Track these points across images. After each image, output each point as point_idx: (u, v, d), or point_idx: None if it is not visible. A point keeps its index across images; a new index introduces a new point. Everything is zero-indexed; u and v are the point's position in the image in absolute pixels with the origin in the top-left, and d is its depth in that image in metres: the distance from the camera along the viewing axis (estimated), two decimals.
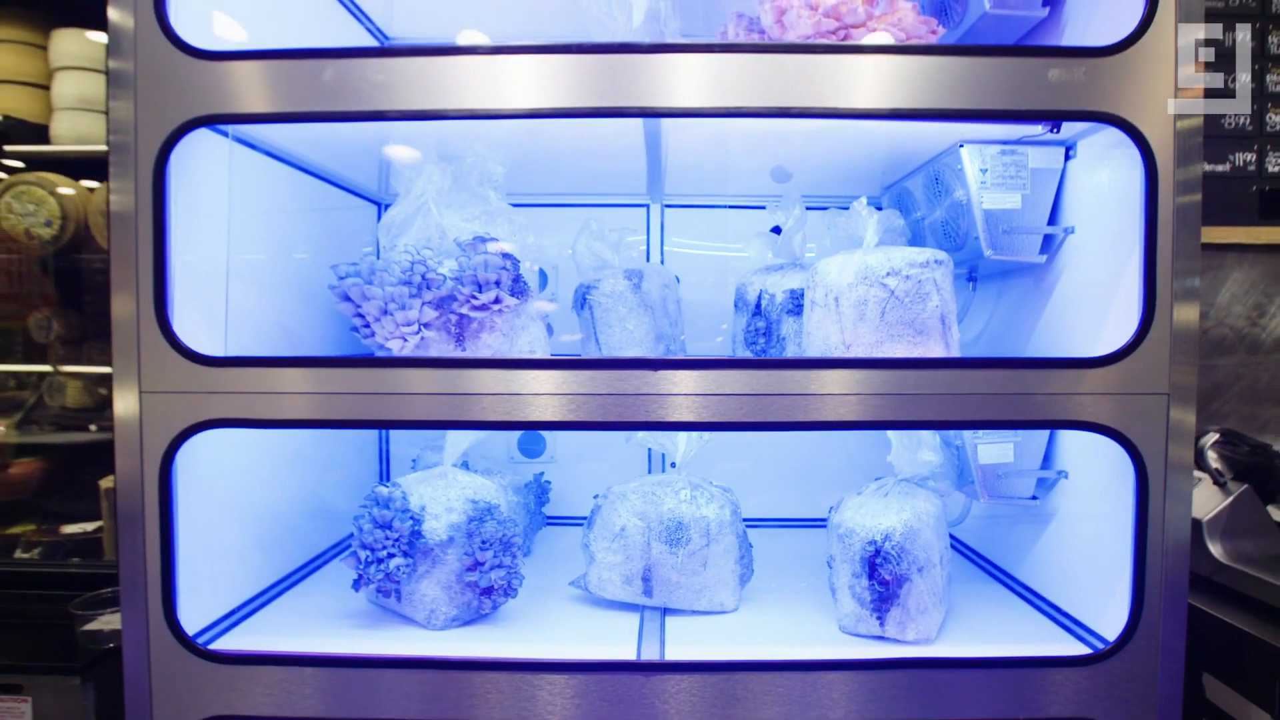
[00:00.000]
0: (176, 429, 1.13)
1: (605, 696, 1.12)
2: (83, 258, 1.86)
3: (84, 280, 1.92)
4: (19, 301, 1.91)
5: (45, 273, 1.96)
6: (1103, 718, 1.14)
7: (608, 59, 1.10)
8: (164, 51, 1.11)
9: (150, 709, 1.14)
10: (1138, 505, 1.13)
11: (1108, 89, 1.10)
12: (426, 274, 1.30)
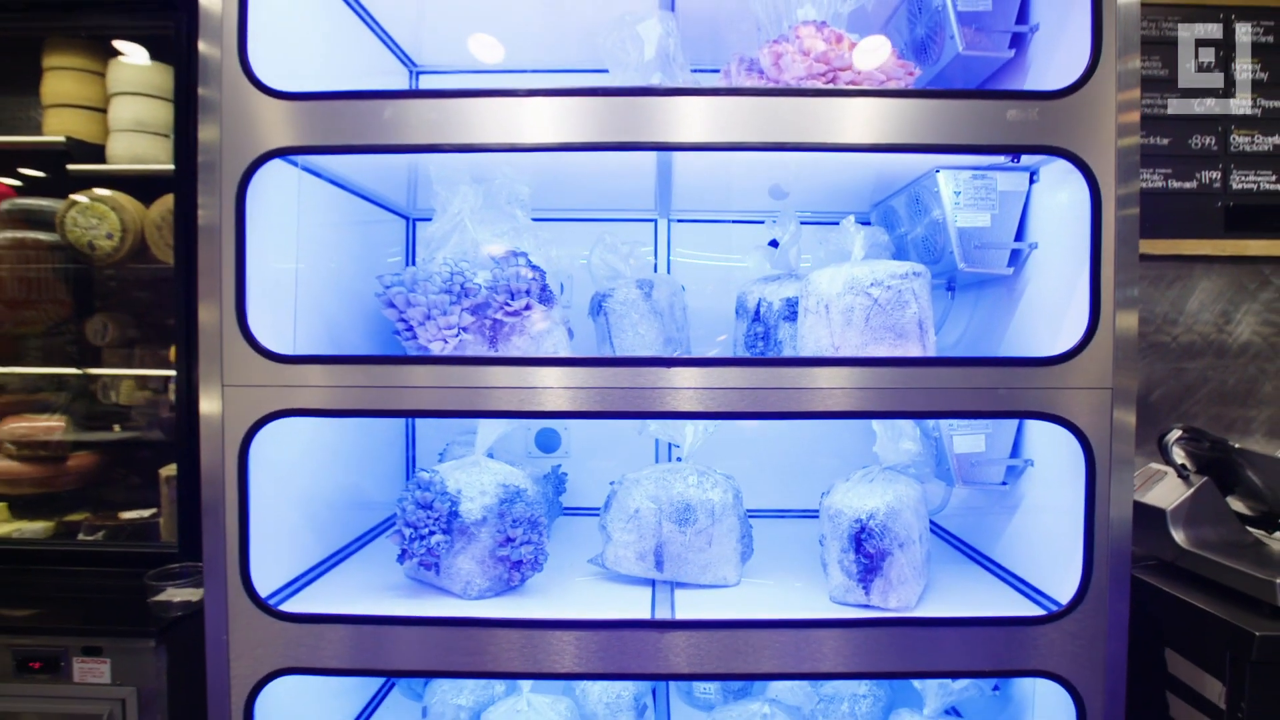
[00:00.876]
0: (253, 418, 1.32)
1: (624, 650, 1.31)
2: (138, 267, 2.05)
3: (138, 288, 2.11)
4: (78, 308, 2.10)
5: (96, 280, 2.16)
6: (1059, 670, 1.33)
7: (627, 100, 1.30)
8: (245, 90, 1.31)
9: (227, 662, 1.33)
10: (1087, 485, 1.32)
11: (1058, 126, 1.30)
12: (465, 283, 1.49)
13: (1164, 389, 2.52)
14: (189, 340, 1.72)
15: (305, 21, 1.57)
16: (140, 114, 2.08)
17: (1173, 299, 2.51)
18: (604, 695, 1.73)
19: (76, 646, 1.53)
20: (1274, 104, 2.46)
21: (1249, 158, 2.46)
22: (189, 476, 1.73)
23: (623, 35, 1.65)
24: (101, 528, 1.96)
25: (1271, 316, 2.51)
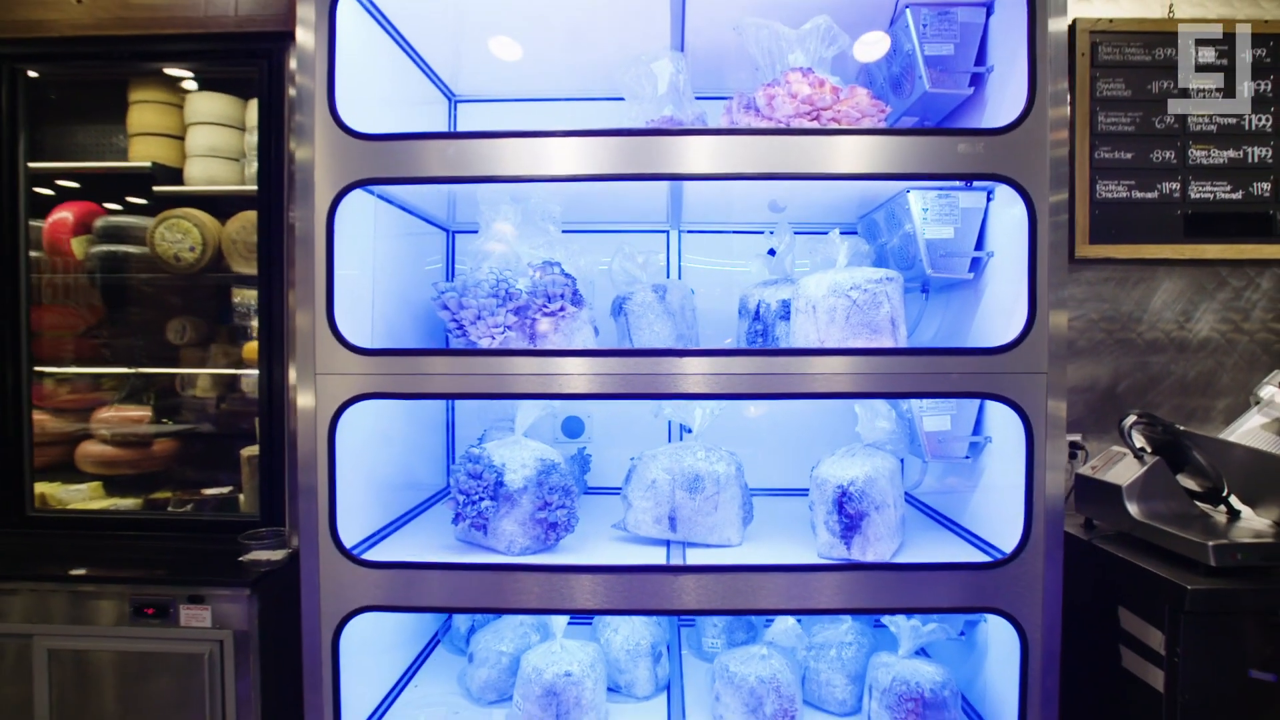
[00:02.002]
0: (341, 400, 1.63)
1: (644, 589, 1.62)
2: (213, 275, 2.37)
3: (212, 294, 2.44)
4: (163, 311, 2.43)
5: (174, 288, 2.49)
6: (1005, 607, 1.63)
7: (644, 140, 1.61)
8: (334, 133, 1.63)
9: (319, 602, 1.64)
10: (1027, 453, 1.61)
11: (1000, 157, 1.59)
12: (508, 289, 1.80)
13: (1130, 381, 2.81)
14: (269, 337, 2.03)
15: (369, 62, 1.88)
16: (214, 141, 2.40)
17: (1137, 298, 2.79)
18: (625, 643, 2.04)
19: (183, 595, 1.85)
20: (1228, 120, 2.74)
21: (1206, 170, 2.75)
22: (269, 455, 2.04)
23: (639, 72, 1.96)
24: (188, 502, 2.28)
25: (1228, 314, 2.79)
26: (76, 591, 1.87)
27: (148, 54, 2.10)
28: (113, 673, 1.87)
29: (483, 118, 2.52)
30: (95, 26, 2.01)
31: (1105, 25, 2.73)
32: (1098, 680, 2.25)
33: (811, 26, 1.80)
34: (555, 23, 2.05)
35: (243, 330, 2.38)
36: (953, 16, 1.84)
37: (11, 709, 1.89)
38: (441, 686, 2.09)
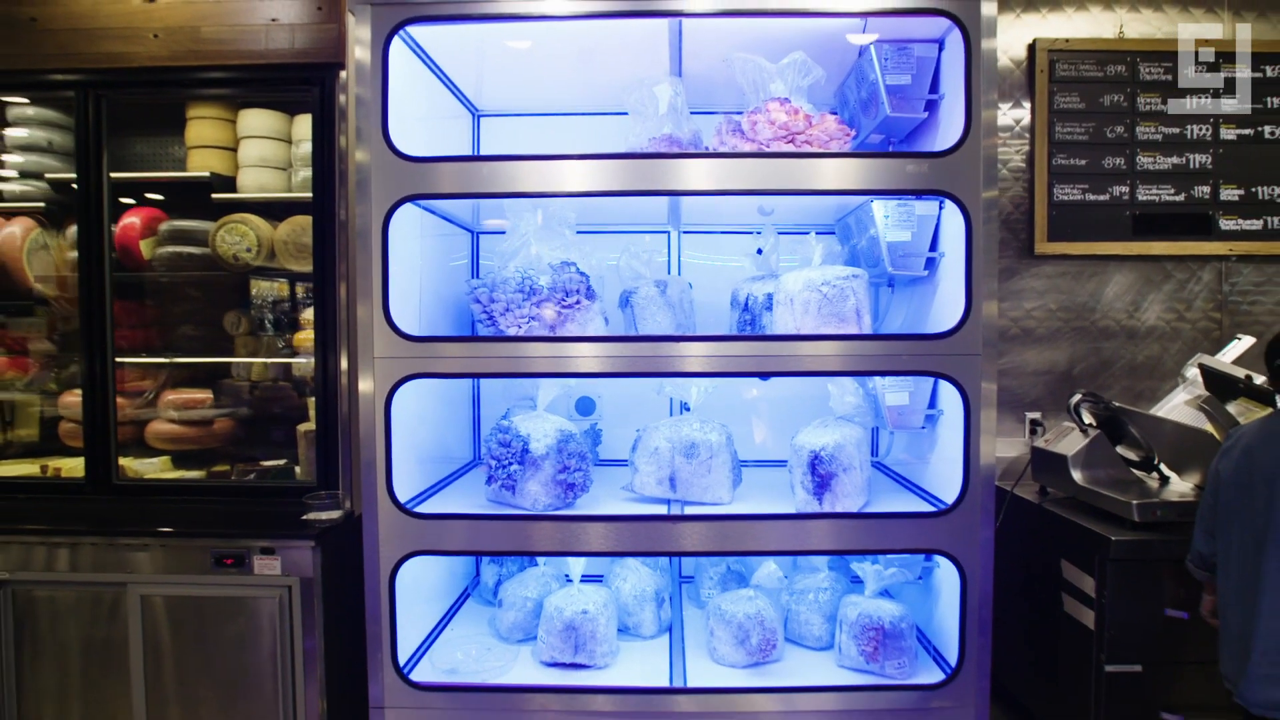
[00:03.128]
0: (395, 379, 1.99)
1: (650, 535, 1.99)
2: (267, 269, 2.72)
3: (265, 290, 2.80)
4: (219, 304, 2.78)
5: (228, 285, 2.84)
6: (948, 548, 1.99)
7: (647, 162, 1.97)
8: (386, 155, 1.98)
9: (378, 547, 2.01)
10: (965, 421, 1.98)
11: (942, 176, 1.95)
12: (533, 285, 2.16)
13: (1085, 364, 3.17)
14: (324, 326, 2.39)
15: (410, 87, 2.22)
16: (264, 153, 2.74)
17: (1091, 290, 3.15)
18: (633, 590, 2.41)
19: (256, 548, 2.21)
20: (1171, 130, 3.09)
21: (1152, 175, 3.11)
22: (325, 429, 2.40)
23: (642, 94, 2.31)
24: (250, 472, 2.64)
25: (1173, 304, 3.15)
26: (164, 546, 2.24)
27: (215, 81, 2.44)
28: (196, 615, 2.24)
29: (503, 129, 2.87)
30: (170, 58, 2.35)
31: (1062, 45, 3.08)
32: (1044, 623, 2.63)
33: (789, 61, 2.16)
34: (567, 50, 2.39)
35: (293, 321, 2.73)
36: (910, 51, 2.19)
37: (110, 646, 2.26)
38: (473, 629, 2.46)
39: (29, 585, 2.27)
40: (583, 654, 2.18)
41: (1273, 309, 3.14)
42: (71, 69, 2.37)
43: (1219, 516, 1.98)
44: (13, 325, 2.82)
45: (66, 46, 2.35)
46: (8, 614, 2.27)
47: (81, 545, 2.24)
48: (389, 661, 2.03)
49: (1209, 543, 2.03)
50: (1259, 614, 1.83)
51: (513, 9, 1.99)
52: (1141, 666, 2.35)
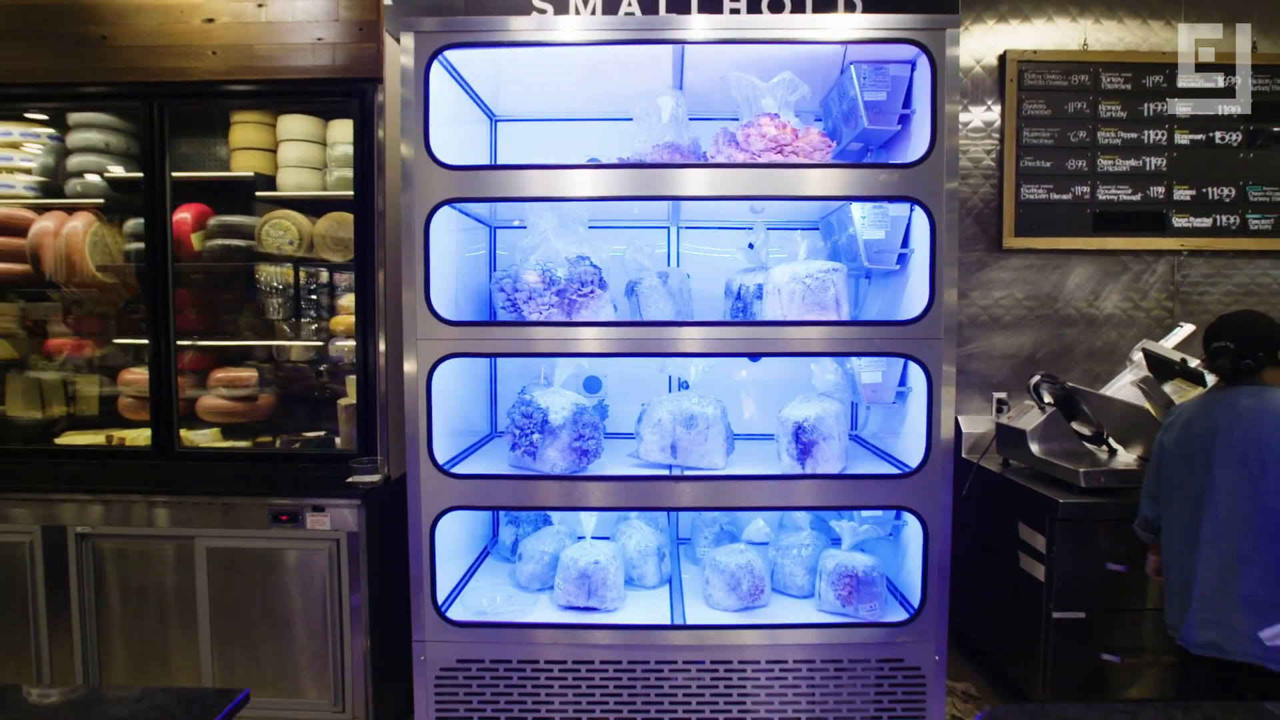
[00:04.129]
0: (435, 358, 2.33)
1: (654, 493, 2.33)
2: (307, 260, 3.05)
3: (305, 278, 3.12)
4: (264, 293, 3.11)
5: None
6: (913, 505, 2.35)
7: (653, 171, 2.30)
8: (426, 162, 2.31)
9: (420, 502, 2.35)
10: (929, 396, 2.32)
11: (910, 184, 2.29)
12: (552, 276, 2.50)
13: (1048, 349, 3.53)
14: (364, 311, 2.71)
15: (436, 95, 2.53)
16: (302, 154, 3.06)
17: (1054, 282, 3.50)
18: (638, 547, 2.76)
19: (308, 506, 2.56)
20: (1130, 135, 3.43)
21: (1111, 176, 3.45)
22: (365, 403, 2.73)
23: (646, 105, 2.63)
24: (295, 441, 2.99)
25: (1129, 294, 3.50)
26: (228, 505, 2.58)
27: (266, 93, 2.76)
28: (256, 564, 2.58)
29: (518, 134, 3.19)
30: (225, 73, 2.66)
31: (1030, 55, 3.41)
32: (1003, 578, 3.00)
33: (778, 80, 2.48)
34: (578, 65, 2.70)
35: (331, 306, 3.06)
36: (885, 70, 2.51)
37: (179, 593, 2.60)
38: (494, 581, 2.81)
39: (107, 539, 2.61)
40: (594, 599, 2.53)
41: (1220, 299, 3.50)
42: (138, 82, 2.68)
43: (1163, 484, 2.32)
44: (75, 310, 3.15)
45: (134, 62, 2.67)
46: (88, 565, 2.61)
47: (155, 504, 2.59)
48: (429, 602, 2.38)
49: (1154, 508, 2.37)
50: (1197, 567, 2.17)
51: (537, 37, 2.32)
52: (1085, 613, 2.72)
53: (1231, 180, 3.44)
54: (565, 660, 2.39)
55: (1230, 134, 3.43)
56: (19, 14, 2.69)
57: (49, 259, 2.99)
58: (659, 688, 2.38)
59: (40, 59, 2.69)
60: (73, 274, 3.02)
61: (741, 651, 2.38)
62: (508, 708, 2.40)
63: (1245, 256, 3.48)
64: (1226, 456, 2.16)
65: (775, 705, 2.39)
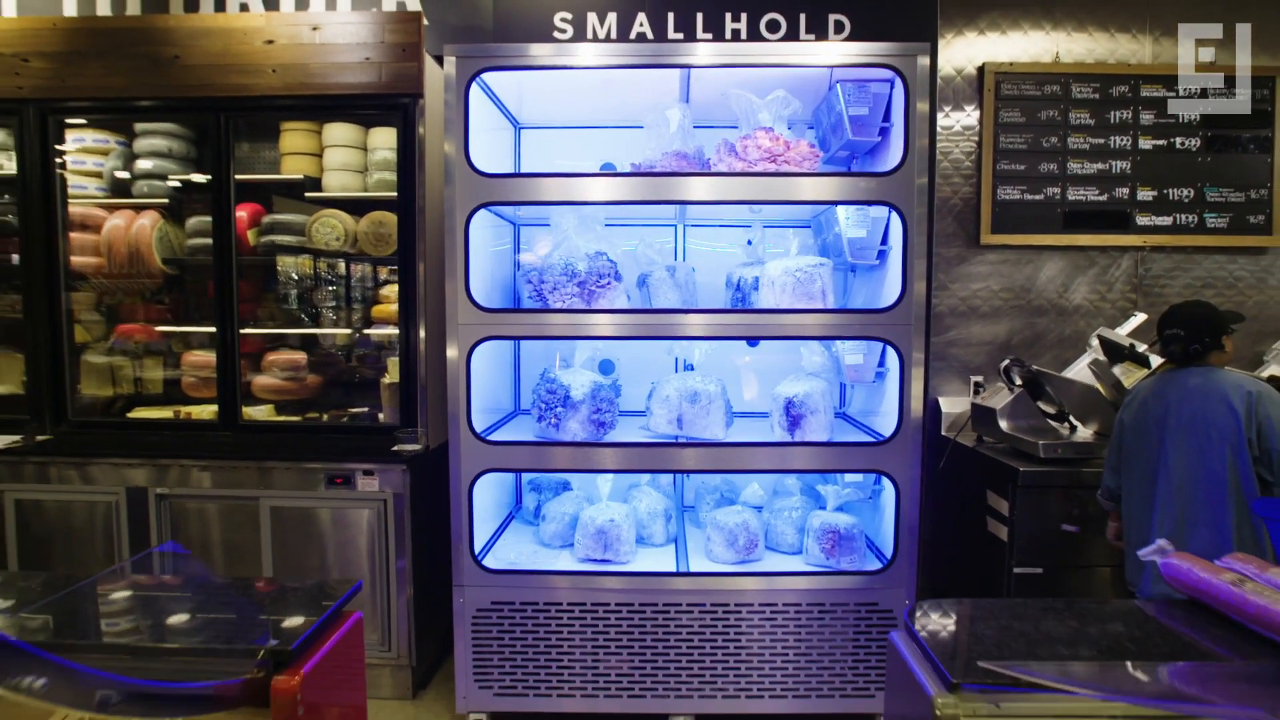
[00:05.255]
0: (473, 340, 2.73)
1: (663, 457, 2.74)
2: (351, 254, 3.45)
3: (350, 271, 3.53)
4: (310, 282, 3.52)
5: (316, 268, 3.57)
6: (886, 468, 2.75)
7: (662, 179, 2.70)
8: (466, 171, 2.71)
9: (460, 464, 2.77)
10: (900, 374, 2.73)
11: (886, 190, 2.68)
12: (573, 269, 2.90)
13: (1021, 336, 3.92)
14: (408, 300, 3.12)
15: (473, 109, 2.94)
16: (345, 159, 3.46)
17: (1028, 275, 3.89)
18: (647, 509, 3.17)
19: (359, 469, 2.97)
20: (1097, 141, 3.81)
21: (1080, 179, 3.83)
22: (407, 381, 3.14)
23: (656, 117, 3.03)
24: (342, 415, 3.40)
25: (1096, 287, 3.89)
26: (287, 469, 2.99)
27: (319, 107, 3.16)
28: (315, 522, 3.00)
29: (540, 139, 3.59)
30: (284, 89, 3.05)
31: (1006, 67, 3.79)
32: (973, 540, 3.40)
33: (773, 97, 2.87)
34: (595, 80, 3.09)
35: (373, 296, 3.47)
36: (867, 88, 2.90)
37: (246, 548, 3.02)
38: (519, 539, 3.23)
39: (182, 499, 3.03)
40: (610, 552, 2.94)
41: (1180, 290, 3.88)
42: (206, 96, 3.08)
43: (1123, 456, 2.70)
44: (142, 299, 3.56)
45: (203, 79, 3.07)
46: (166, 521, 3.04)
47: (224, 469, 3.01)
48: (468, 552, 2.79)
49: (1115, 478, 2.76)
50: (1152, 529, 2.56)
51: (561, 61, 2.71)
52: (1042, 569, 3.12)
53: (1190, 182, 3.82)
54: (584, 602, 2.80)
55: (1190, 140, 3.81)
56: (101, 37, 3.09)
57: (120, 253, 3.40)
58: (665, 626, 2.80)
59: (120, 76, 3.09)
60: (141, 266, 3.43)
61: (738, 596, 2.80)
62: (534, 643, 2.81)
63: (1203, 252, 3.86)
64: (1177, 430, 2.54)
65: (767, 642, 2.80)
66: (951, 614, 1.60)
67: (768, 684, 2.81)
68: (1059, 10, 3.82)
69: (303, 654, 1.38)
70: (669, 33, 3.44)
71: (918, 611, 1.57)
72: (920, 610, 1.57)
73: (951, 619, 1.57)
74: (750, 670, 2.81)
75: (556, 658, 2.81)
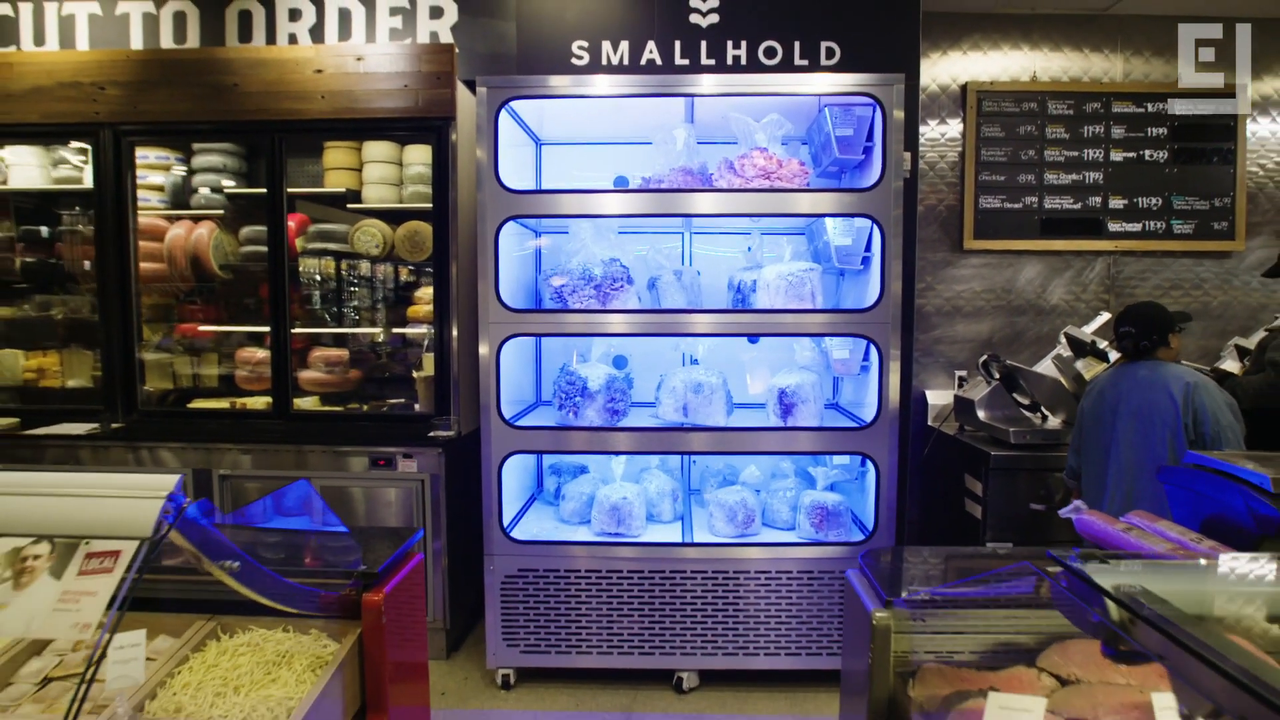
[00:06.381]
0: (502, 337, 3.15)
1: (670, 440, 3.16)
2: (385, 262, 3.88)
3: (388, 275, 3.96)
4: (350, 285, 3.95)
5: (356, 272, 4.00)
6: (868, 451, 3.15)
7: (669, 195, 3.11)
8: (496, 188, 3.13)
9: (491, 447, 3.19)
10: (880, 366, 3.13)
11: (867, 204, 3.08)
12: (590, 274, 3.31)
13: (1002, 334, 4.31)
14: (442, 301, 3.54)
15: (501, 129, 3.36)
16: (383, 173, 3.89)
17: (1008, 277, 4.28)
18: (657, 489, 3.58)
19: (399, 453, 3.39)
20: (1072, 153, 4.20)
21: (1056, 189, 4.22)
22: (441, 374, 3.56)
23: (664, 135, 3.44)
24: (382, 405, 3.84)
25: (1072, 288, 4.28)
26: (336, 452, 3.42)
27: (362, 128, 3.59)
28: (361, 500, 3.43)
29: (559, 155, 4.01)
30: (331, 113, 3.48)
31: (987, 86, 4.19)
32: (951, 520, 3.80)
33: (768, 120, 3.28)
34: (607, 104, 3.51)
35: (408, 298, 3.90)
36: (852, 111, 3.31)
37: None
38: (541, 518, 3.64)
39: (242, 479, 3.47)
40: (623, 527, 3.35)
41: (1150, 291, 4.27)
42: (263, 120, 3.52)
43: (1083, 440, 3.10)
44: (200, 301, 4.00)
45: (259, 104, 3.50)
46: (227, 499, 3.47)
47: (280, 452, 3.44)
48: (498, 524, 3.21)
49: (1076, 459, 3.15)
50: (1104, 503, 2.96)
51: (579, 91, 3.13)
52: (1012, 544, 3.52)
53: (1158, 191, 4.20)
54: (600, 570, 3.21)
55: (1158, 152, 4.19)
56: (169, 67, 3.53)
57: (180, 259, 3.84)
58: (673, 592, 3.21)
59: (186, 102, 3.53)
60: (199, 271, 3.87)
61: (738, 565, 3.20)
62: (556, 606, 3.23)
63: (1170, 256, 4.25)
64: (1126, 416, 2.93)
65: (763, 606, 3.21)
66: (896, 558, 2.01)
67: (764, 643, 3.21)
68: (1036, 33, 4.21)
69: (384, 578, 1.80)
70: (676, 58, 3.85)
71: (870, 557, 1.98)
72: (873, 555, 1.97)
73: (895, 561, 1.98)
74: (748, 631, 3.21)
75: (575, 619, 3.23)
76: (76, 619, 0.98)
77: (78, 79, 3.52)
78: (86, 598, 0.99)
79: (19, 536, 1.05)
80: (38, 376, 3.96)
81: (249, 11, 3.93)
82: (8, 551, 1.03)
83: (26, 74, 3.51)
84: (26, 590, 1.00)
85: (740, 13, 3.82)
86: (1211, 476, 2.20)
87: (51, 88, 3.51)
